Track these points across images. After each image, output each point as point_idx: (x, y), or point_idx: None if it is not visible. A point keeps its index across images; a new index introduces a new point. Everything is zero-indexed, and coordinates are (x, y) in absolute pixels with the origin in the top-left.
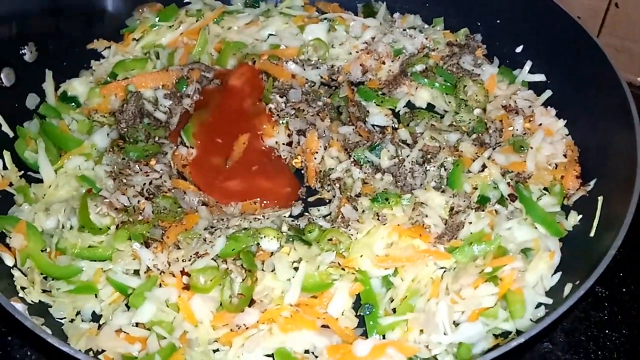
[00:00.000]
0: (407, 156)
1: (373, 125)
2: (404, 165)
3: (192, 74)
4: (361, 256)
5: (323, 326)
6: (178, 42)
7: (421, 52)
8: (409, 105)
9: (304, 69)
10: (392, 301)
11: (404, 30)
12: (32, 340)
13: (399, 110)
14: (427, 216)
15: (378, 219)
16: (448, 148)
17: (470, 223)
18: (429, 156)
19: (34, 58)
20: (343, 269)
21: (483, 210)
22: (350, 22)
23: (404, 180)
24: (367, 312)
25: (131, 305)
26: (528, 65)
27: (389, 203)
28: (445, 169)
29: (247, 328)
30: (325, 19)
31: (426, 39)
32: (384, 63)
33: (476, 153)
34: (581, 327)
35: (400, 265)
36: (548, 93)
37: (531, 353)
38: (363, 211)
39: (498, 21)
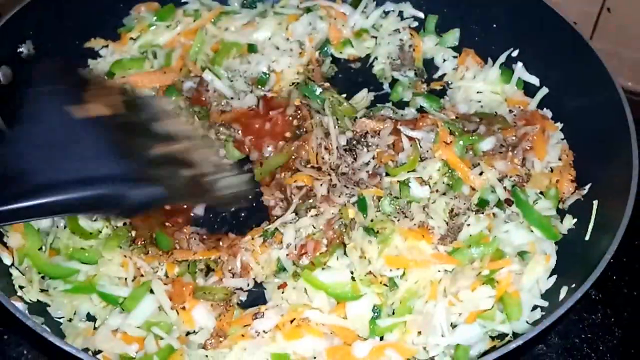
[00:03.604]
0: None
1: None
2: None
3: None
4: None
5: None
6: (175, 42)
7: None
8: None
9: None
10: (392, 304)
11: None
12: (29, 338)
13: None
14: (432, 218)
15: (396, 219)
16: None
17: (469, 225)
18: None
19: (32, 56)
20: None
21: (482, 213)
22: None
23: None
24: (375, 315)
25: (124, 309)
26: (519, 66)
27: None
28: None
29: (265, 332)
30: (308, 9)
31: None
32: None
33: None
34: (575, 330)
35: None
36: (544, 91)
37: (525, 355)
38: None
39: (494, 25)
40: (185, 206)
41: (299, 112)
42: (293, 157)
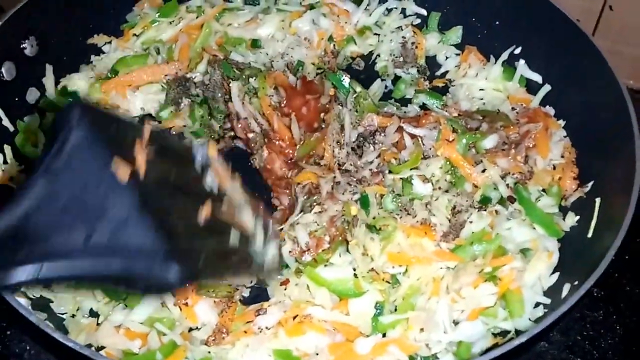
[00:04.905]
0: None
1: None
2: None
3: None
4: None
5: None
6: (178, 38)
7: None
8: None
9: None
10: (394, 300)
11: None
12: (32, 334)
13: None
14: (434, 215)
15: (398, 217)
16: None
17: (471, 222)
18: None
19: (35, 52)
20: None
21: (485, 210)
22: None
23: None
24: (377, 312)
25: (127, 305)
26: (522, 63)
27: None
28: None
29: (268, 329)
30: (311, 6)
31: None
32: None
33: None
34: (577, 327)
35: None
36: (547, 88)
37: (527, 352)
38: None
39: (497, 22)
40: None
41: (330, 104)
42: (311, 152)
